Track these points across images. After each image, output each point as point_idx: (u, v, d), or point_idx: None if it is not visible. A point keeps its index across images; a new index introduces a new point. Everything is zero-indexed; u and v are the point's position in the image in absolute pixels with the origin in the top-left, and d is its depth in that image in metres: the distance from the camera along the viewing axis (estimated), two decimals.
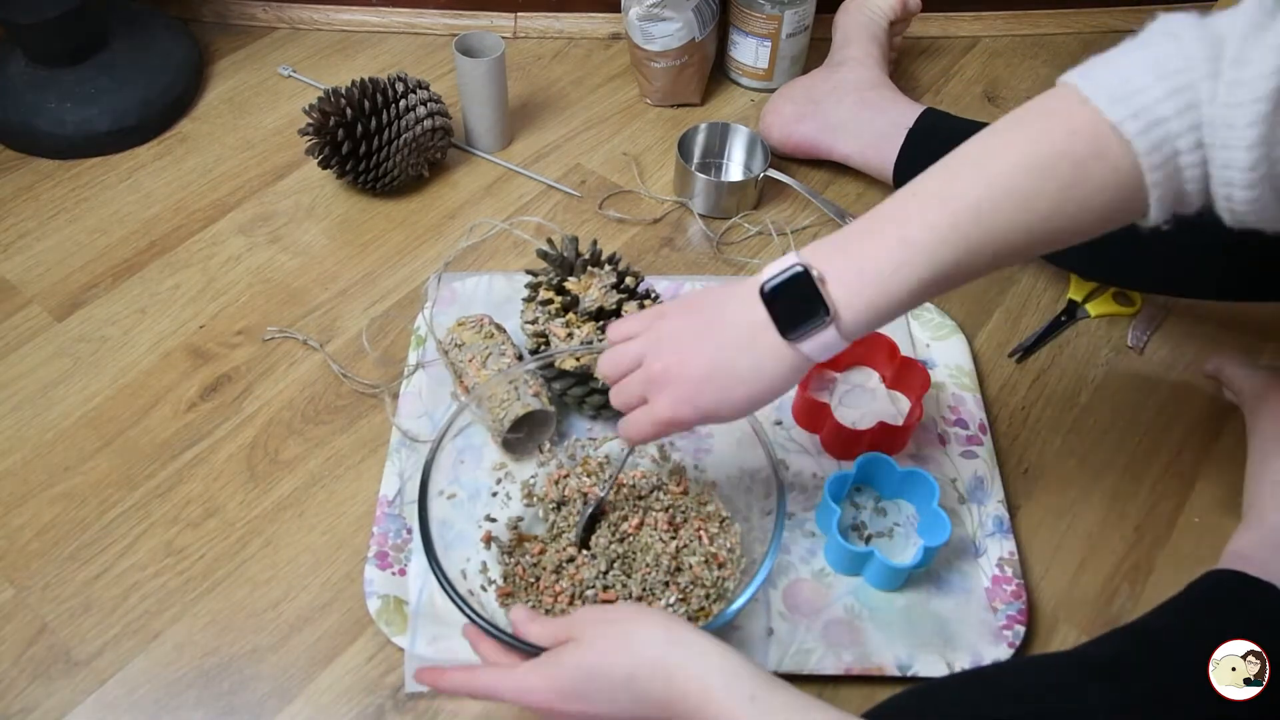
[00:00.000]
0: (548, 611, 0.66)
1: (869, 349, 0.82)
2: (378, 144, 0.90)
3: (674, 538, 0.70)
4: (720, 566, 0.68)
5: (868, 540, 0.73)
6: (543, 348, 0.74)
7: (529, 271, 0.79)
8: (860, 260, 0.54)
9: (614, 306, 0.73)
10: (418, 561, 0.70)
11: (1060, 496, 0.77)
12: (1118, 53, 0.50)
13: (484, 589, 0.67)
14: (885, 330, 0.80)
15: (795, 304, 0.54)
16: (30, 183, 0.97)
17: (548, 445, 0.76)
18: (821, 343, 0.55)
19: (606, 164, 1.02)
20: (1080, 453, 0.80)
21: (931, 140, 0.89)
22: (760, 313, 0.56)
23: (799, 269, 0.54)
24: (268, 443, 0.78)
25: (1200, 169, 0.48)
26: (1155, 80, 0.47)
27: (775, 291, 0.55)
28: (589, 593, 0.67)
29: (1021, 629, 0.68)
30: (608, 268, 0.76)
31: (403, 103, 0.91)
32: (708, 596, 0.67)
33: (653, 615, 0.55)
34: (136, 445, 0.77)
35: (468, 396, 0.68)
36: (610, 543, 0.69)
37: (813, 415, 0.79)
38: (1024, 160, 0.50)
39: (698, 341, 0.58)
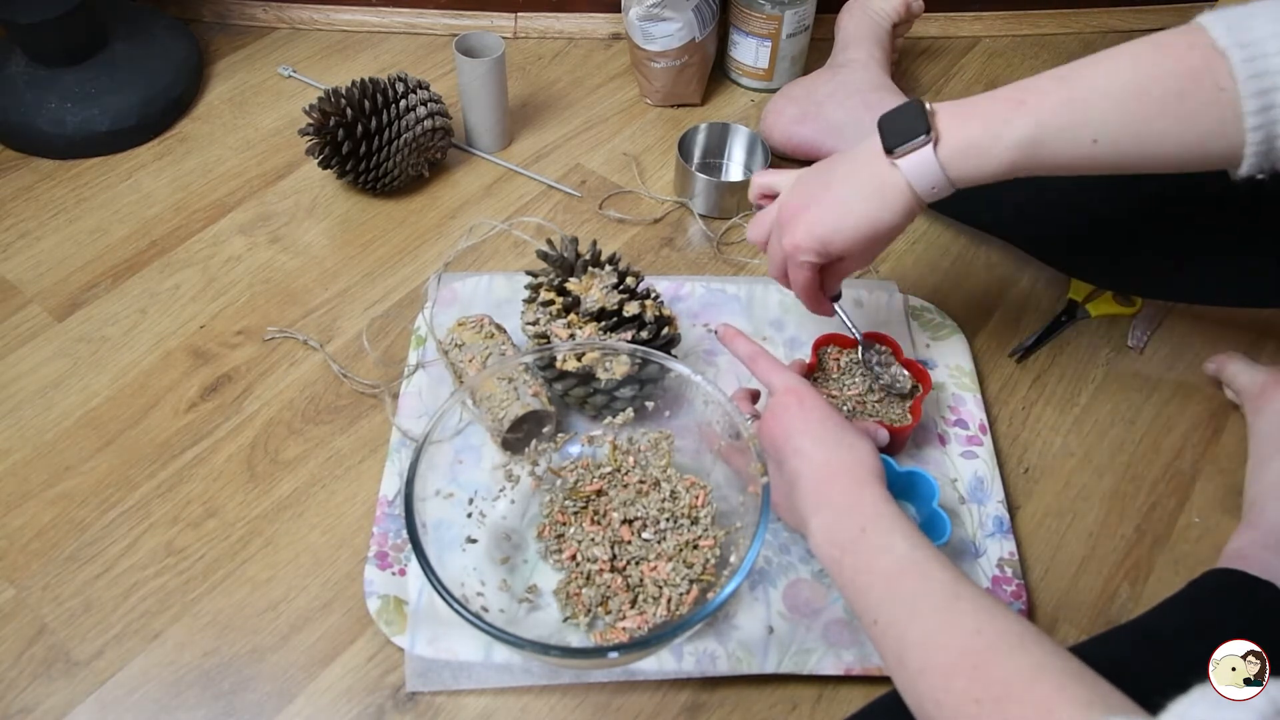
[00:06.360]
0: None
1: None
2: (378, 144, 0.90)
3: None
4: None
5: None
6: None
7: (529, 273, 0.79)
8: (973, 106, 0.60)
9: (615, 307, 0.73)
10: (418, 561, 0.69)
11: (1060, 496, 0.77)
12: (1255, 2, 0.52)
13: (480, 594, 0.67)
14: (886, 331, 0.81)
15: (901, 124, 0.61)
16: (30, 183, 0.97)
17: (539, 445, 0.75)
18: (920, 163, 0.60)
19: (606, 164, 1.02)
20: (1080, 453, 0.80)
21: None
22: (876, 145, 0.62)
23: (913, 100, 0.61)
24: (268, 443, 0.78)
25: None
26: (1273, 25, 0.49)
27: (889, 116, 0.62)
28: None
29: None
30: (608, 268, 0.76)
31: (403, 103, 0.91)
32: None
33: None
34: (136, 445, 0.77)
35: (460, 389, 0.68)
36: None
37: None
38: (1139, 66, 0.55)
39: (819, 181, 0.67)
